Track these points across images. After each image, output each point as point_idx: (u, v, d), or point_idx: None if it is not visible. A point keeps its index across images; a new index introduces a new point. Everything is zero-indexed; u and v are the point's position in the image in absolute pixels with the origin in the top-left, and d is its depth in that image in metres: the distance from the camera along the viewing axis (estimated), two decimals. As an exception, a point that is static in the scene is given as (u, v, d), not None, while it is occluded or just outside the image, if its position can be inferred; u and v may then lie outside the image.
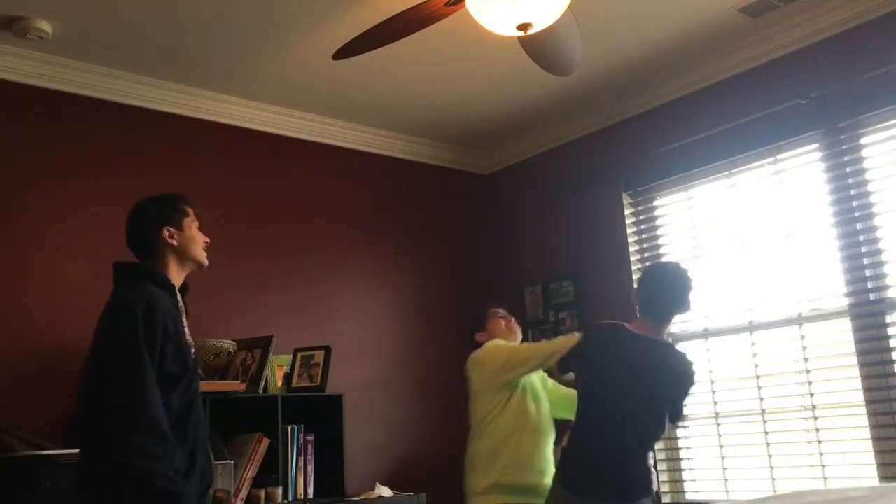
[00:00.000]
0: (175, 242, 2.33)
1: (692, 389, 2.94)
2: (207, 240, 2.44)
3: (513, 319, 3.43)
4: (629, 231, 4.29)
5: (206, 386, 3.35)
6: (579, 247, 4.50)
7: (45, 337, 3.37)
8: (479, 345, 3.31)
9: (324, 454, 3.65)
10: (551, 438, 3.19)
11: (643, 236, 4.29)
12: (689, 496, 3.92)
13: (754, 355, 3.71)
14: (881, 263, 3.38)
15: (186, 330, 2.31)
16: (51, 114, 3.58)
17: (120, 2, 3.15)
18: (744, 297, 3.78)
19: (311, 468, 3.60)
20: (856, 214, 3.46)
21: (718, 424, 3.82)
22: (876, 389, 3.31)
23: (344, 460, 3.65)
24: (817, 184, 3.60)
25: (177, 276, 2.35)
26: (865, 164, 3.47)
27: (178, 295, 2.34)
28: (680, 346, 3.99)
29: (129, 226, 2.36)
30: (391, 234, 4.59)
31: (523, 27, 2.49)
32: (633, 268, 4.23)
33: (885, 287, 3.35)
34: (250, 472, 3.41)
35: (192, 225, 2.40)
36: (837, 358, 3.49)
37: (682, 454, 3.98)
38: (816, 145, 3.61)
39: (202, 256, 2.41)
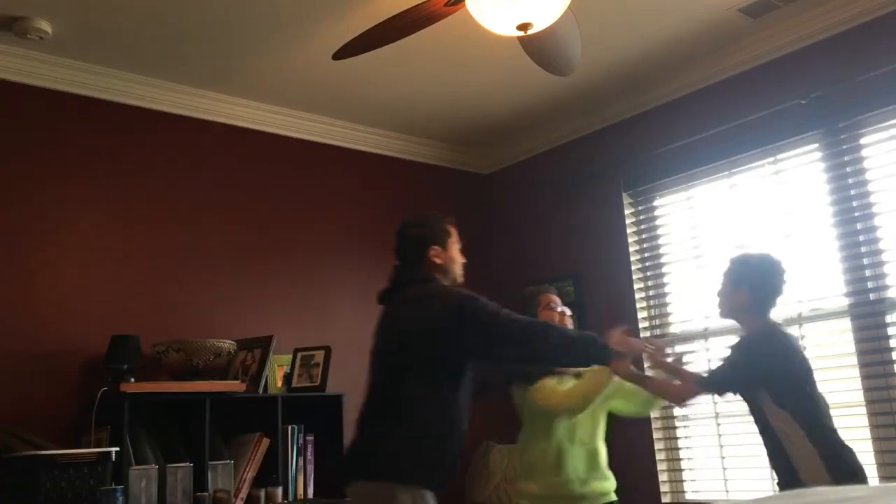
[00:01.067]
0: (440, 261, 2.59)
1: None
2: (464, 260, 2.67)
3: (567, 315, 3.16)
4: (629, 231, 4.29)
5: (206, 386, 3.36)
6: (579, 247, 4.50)
7: (45, 337, 3.37)
8: None
9: (324, 454, 3.65)
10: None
11: (643, 236, 4.29)
12: (689, 496, 3.92)
13: (754, 355, 3.70)
14: (881, 263, 3.38)
15: None
16: (50, 114, 3.58)
17: (120, 2, 3.15)
18: (744, 297, 3.77)
19: (311, 468, 3.61)
20: (856, 214, 3.46)
21: (718, 424, 3.82)
22: (876, 389, 3.32)
23: (344, 460, 3.65)
24: (817, 184, 3.60)
25: None
26: (865, 164, 3.47)
27: None
28: (681, 347, 4.01)
29: (399, 242, 2.64)
30: (391, 234, 4.53)
31: (523, 27, 2.49)
32: (633, 268, 4.23)
33: (885, 287, 3.35)
34: (250, 472, 3.42)
35: (454, 245, 2.64)
36: (837, 358, 3.49)
37: (682, 454, 3.98)
38: (816, 145, 3.61)
39: (459, 275, 2.63)
